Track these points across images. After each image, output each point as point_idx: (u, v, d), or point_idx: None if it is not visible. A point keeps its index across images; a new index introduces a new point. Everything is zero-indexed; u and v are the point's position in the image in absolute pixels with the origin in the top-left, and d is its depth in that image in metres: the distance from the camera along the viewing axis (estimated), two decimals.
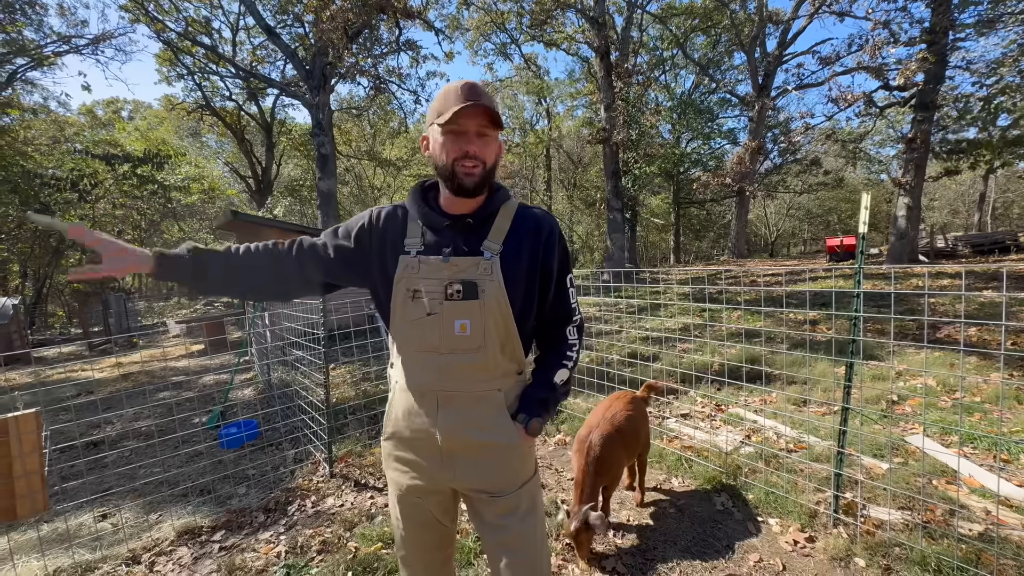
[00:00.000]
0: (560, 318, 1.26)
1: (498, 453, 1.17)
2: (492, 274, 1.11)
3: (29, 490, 2.07)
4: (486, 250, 1.13)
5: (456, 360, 1.13)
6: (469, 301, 1.11)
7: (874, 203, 4.62)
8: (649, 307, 6.25)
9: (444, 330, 1.12)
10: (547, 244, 1.18)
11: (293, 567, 2.30)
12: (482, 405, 1.16)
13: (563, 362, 1.24)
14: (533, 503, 1.23)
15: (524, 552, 1.18)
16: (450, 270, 1.12)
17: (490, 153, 1.12)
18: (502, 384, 1.19)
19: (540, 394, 1.22)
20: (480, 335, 1.12)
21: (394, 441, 1.24)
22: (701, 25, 20.48)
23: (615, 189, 14.49)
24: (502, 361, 1.17)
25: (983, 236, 16.37)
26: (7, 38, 14.69)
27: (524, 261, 1.16)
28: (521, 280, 1.15)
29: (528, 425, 1.18)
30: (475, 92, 1.07)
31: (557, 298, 1.24)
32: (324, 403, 3.25)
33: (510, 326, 1.15)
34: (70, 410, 4.77)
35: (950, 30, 11.79)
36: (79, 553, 2.51)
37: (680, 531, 2.42)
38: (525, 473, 1.22)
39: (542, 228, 1.19)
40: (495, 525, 1.18)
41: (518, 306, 1.15)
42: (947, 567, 1.95)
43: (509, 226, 1.17)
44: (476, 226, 1.16)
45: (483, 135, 1.10)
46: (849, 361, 2.22)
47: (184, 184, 20.00)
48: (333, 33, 11.93)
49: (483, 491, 1.18)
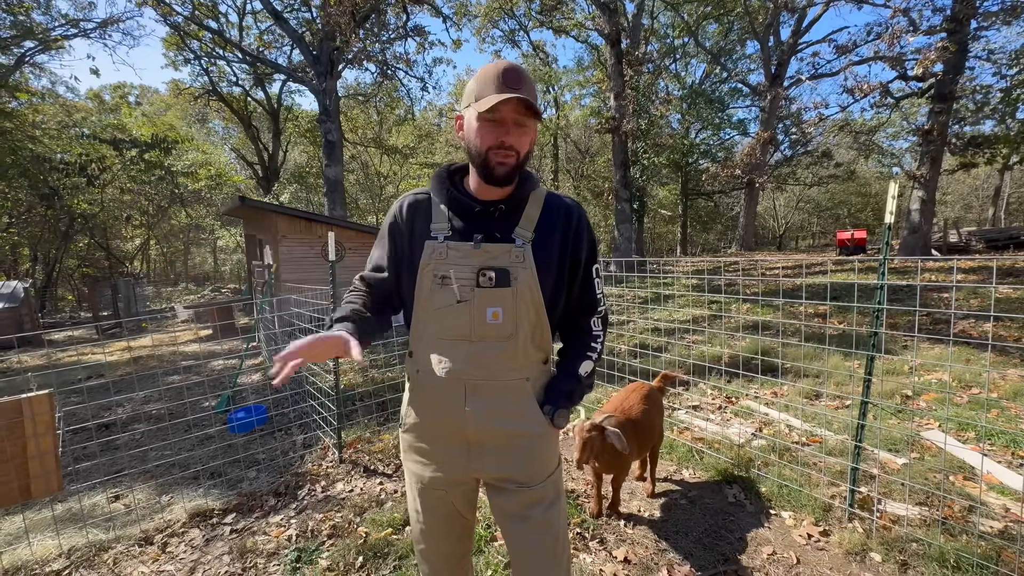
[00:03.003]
0: (585, 308, 1.23)
1: (526, 443, 1.15)
2: (524, 261, 1.09)
3: (43, 470, 2.08)
4: (518, 237, 1.11)
5: (486, 348, 1.11)
6: (502, 288, 1.09)
7: (887, 197, 4.57)
8: (660, 298, 6.20)
9: (475, 317, 1.10)
10: (577, 231, 1.17)
11: (304, 551, 2.31)
12: (510, 394, 1.14)
13: (587, 353, 1.22)
14: (557, 493, 1.22)
15: (549, 540, 1.17)
16: (481, 256, 1.09)
17: (526, 143, 1.08)
18: (530, 373, 1.17)
19: (565, 386, 1.20)
20: (512, 323, 1.10)
21: (415, 433, 1.21)
22: (714, 12, 20.04)
23: (624, 179, 14.33)
24: (531, 350, 1.15)
25: (998, 231, 16.11)
26: (15, 20, 14.64)
27: (555, 249, 1.14)
28: (552, 268, 1.14)
29: (554, 416, 1.17)
30: (517, 79, 1.02)
31: (583, 287, 1.21)
32: (333, 389, 3.24)
33: (541, 314, 1.13)
34: (82, 392, 4.81)
35: (973, 18, 11.47)
36: (93, 533, 2.53)
37: (692, 522, 2.41)
38: (551, 463, 1.21)
39: (572, 215, 1.17)
40: (519, 516, 1.16)
41: (548, 294, 1.14)
42: (966, 563, 1.92)
43: (539, 213, 1.15)
44: (508, 213, 1.14)
45: (520, 125, 1.06)
46: (870, 354, 2.17)
47: (191, 170, 20.00)
48: (340, 18, 11.81)
49: (511, 481, 1.16)
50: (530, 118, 1.06)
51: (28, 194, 15.70)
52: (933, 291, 7.68)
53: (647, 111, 15.23)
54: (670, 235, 34.32)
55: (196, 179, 20.41)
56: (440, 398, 1.15)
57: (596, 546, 2.25)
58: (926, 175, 12.27)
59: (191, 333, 9.72)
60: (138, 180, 19.15)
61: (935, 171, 12.46)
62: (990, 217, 29.30)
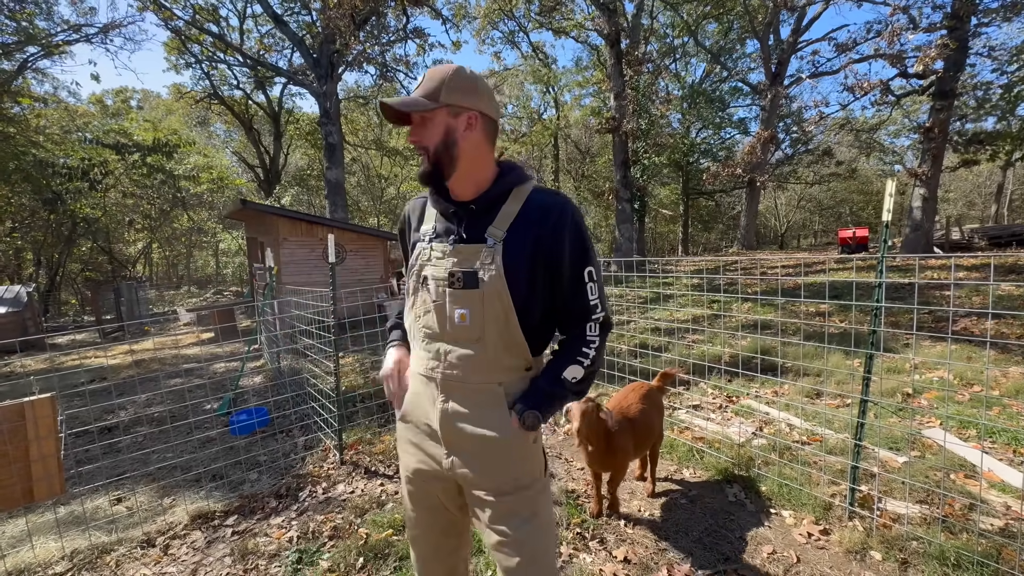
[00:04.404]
0: (578, 315, 1.14)
1: (493, 449, 1.11)
2: (493, 263, 1.05)
3: (46, 473, 2.09)
4: (490, 237, 1.07)
5: (457, 349, 1.11)
6: (469, 290, 1.07)
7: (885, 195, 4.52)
8: (660, 297, 6.19)
9: (446, 318, 1.11)
10: (555, 231, 1.07)
11: (305, 552, 2.32)
12: (480, 397, 1.12)
13: (577, 358, 1.13)
14: (534, 512, 1.14)
15: (518, 561, 1.11)
16: (454, 258, 1.09)
17: (433, 135, 1.06)
18: (503, 379, 1.12)
19: (545, 387, 1.13)
20: (479, 326, 1.08)
21: (405, 423, 1.25)
22: (713, 12, 20.02)
23: (624, 179, 14.33)
24: (503, 354, 1.10)
25: (1000, 228, 16.04)
26: (18, 27, 14.72)
27: (527, 250, 1.07)
28: (523, 270, 1.07)
29: (522, 415, 1.09)
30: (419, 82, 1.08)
31: (573, 292, 1.12)
32: (334, 391, 3.25)
33: (511, 318, 1.07)
34: (84, 395, 4.83)
35: (973, 15, 11.44)
36: (95, 535, 2.55)
37: (692, 522, 2.41)
38: (525, 476, 1.13)
39: (550, 212, 1.07)
40: (493, 528, 1.13)
41: (521, 297, 1.07)
42: (967, 562, 1.92)
43: (518, 211, 1.08)
44: (481, 212, 1.10)
45: (423, 119, 1.07)
46: (870, 352, 2.17)
47: (193, 173, 20.07)
48: (340, 20, 11.85)
49: (480, 488, 1.13)
50: (415, 112, 1.05)
51: (31, 199, 15.77)
52: (935, 289, 7.66)
53: (647, 111, 15.21)
54: (672, 235, 34.28)
55: (198, 182, 20.48)
56: (420, 394, 1.19)
57: (596, 546, 2.25)
58: (928, 173, 12.24)
59: (193, 336, 9.75)
60: (141, 184, 19.22)
61: (937, 168, 12.42)
62: (993, 214, 29.17)
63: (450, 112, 1.05)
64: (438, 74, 1.04)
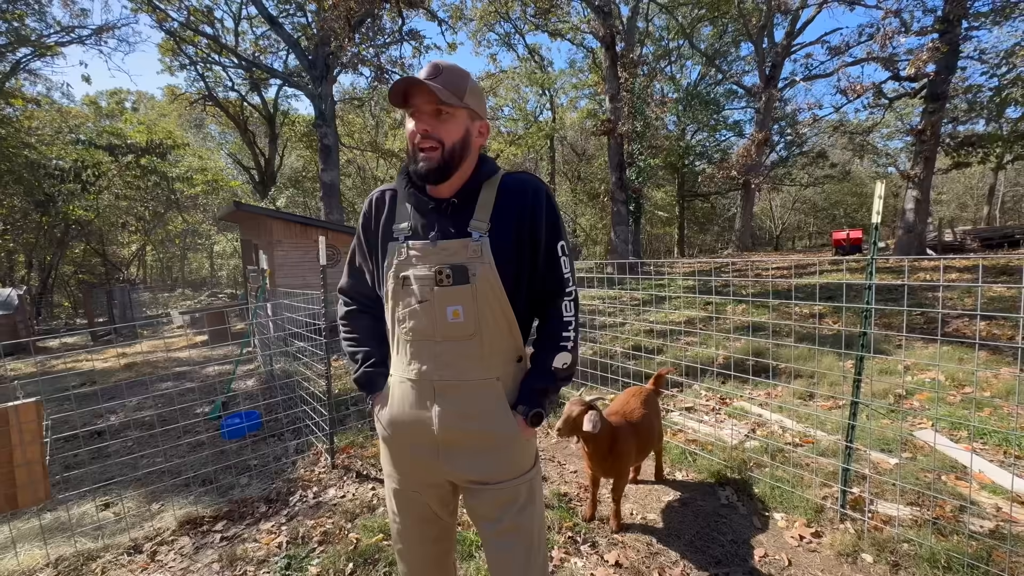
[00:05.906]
0: (552, 290, 1.16)
1: (497, 444, 1.13)
2: (482, 256, 1.06)
3: (30, 479, 2.06)
4: (474, 230, 1.07)
5: (451, 348, 1.09)
6: (460, 286, 1.06)
7: (874, 197, 4.56)
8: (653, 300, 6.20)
9: (437, 317, 1.08)
10: (533, 211, 1.10)
11: (294, 558, 2.29)
12: (480, 395, 1.12)
13: (561, 344, 1.15)
14: (532, 495, 1.18)
15: (520, 544, 1.14)
16: (440, 254, 1.07)
17: (449, 132, 1.04)
18: (500, 372, 1.14)
19: (539, 384, 1.15)
20: (473, 320, 1.07)
21: (389, 432, 1.21)
22: (708, 15, 20.13)
23: (620, 181, 14.36)
24: (499, 348, 1.12)
25: (992, 230, 16.17)
26: (9, 27, 14.62)
27: (512, 235, 1.09)
28: (512, 256, 1.09)
29: (528, 417, 1.13)
30: (434, 71, 1.02)
31: (548, 267, 1.14)
32: (326, 394, 3.23)
33: (505, 308, 1.09)
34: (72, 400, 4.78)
35: (963, 19, 11.55)
36: (81, 542, 2.51)
37: (684, 525, 2.40)
38: (525, 464, 1.18)
39: (526, 193, 1.11)
40: (491, 517, 1.14)
41: (511, 284, 1.09)
42: (957, 564, 1.92)
43: (494, 200, 1.10)
44: (461, 206, 1.10)
45: (440, 112, 1.04)
46: (859, 355, 2.17)
47: (187, 175, 19.96)
48: (336, 22, 11.83)
49: (480, 482, 1.13)
50: (443, 105, 1.02)
51: (23, 200, 15.63)
52: (927, 290, 7.70)
53: (643, 113, 15.25)
54: (667, 236, 34.36)
55: (192, 184, 20.36)
56: (410, 399, 1.15)
57: (588, 550, 2.24)
58: (920, 175, 12.32)
59: (185, 339, 9.68)
60: (134, 186, 19.10)
61: (929, 171, 12.51)
62: (985, 216, 29.41)
63: (469, 115, 1.07)
64: (460, 73, 1.05)
